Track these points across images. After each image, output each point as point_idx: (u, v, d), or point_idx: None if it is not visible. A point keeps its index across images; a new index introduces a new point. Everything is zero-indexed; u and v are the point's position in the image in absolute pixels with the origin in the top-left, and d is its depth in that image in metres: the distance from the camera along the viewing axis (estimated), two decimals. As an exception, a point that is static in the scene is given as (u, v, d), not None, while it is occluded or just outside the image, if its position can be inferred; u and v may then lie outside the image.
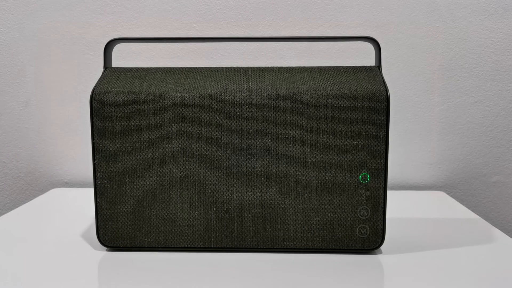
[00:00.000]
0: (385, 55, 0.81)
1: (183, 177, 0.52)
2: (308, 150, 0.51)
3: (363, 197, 0.51)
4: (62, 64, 0.84)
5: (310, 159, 0.51)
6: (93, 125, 0.52)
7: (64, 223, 0.64)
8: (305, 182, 0.52)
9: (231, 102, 0.51)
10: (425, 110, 0.83)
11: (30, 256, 0.52)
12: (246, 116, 0.51)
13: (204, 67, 0.55)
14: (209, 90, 0.51)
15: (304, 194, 0.52)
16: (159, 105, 0.51)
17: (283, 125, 0.51)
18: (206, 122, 0.51)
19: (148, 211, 0.53)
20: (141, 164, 0.52)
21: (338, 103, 0.50)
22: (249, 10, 0.82)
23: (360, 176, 0.51)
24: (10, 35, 0.83)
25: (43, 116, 0.85)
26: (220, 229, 0.53)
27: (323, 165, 0.51)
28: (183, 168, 0.52)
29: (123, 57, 0.81)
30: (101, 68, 0.81)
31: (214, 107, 0.51)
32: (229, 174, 0.52)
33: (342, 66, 0.54)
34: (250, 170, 0.52)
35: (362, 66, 0.54)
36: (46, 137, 0.86)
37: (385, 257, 0.52)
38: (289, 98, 0.51)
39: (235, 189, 0.52)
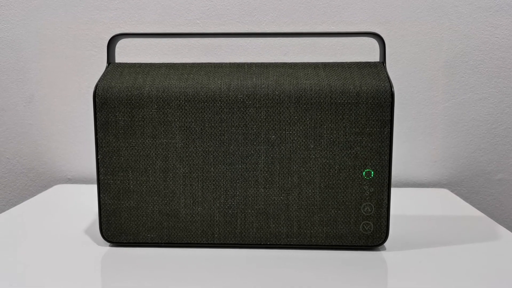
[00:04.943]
0: (389, 52, 0.81)
1: (186, 172, 0.52)
2: (312, 146, 0.51)
3: (367, 193, 0.51)
4: (65, 60, 0.84)
5: (313, 155, 0.51)
6: (97, 121, 0.51)
7: (67, 219, 0.64)
8: (308, 178, 0.51)
9: (234, 97, 0.51)
10: (429, 107, 0.83)
11: (33, 252, 0.52)
12: (250, 112, 0.51)
13: (207, 63, 0.55)
14: (213, 86, 0.51)
15: (308, 190, 0.52)
16: (162, 101, 0.51)
17: (287, 121, 0.51)
18: (210, 117, 0.51)
19: (151, 207, 0.52)
20: (144, 159, 0.52)
21: (342, 98, 0.50)
22: (253, 6, 0.82)
23: (364, 172, 0.51)
24: (14, 31, 0.83)
25: (47, 112, 0.85)
26: (223, 225, 0.53)
27: (327, 161, 0.51)
28: (186, 164, 0.52)
29: (126, 53, 0.81)
30: (104, 65, 0.81)
31: (218, 103, 0.51)
32: (233, 170, 0.52)
33: (346, 62, 0.54)
34: (253, 166, 0.51)
35: (366, 62, 0.54)
36: (49, 133, 0.86)
37: (389, 254, 0.52)
38: (293, 94, 0.50)
39: (238, 185, 0.52)
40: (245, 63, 0.55)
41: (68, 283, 0.45)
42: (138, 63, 0.55)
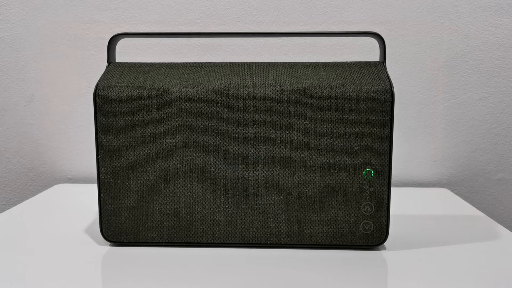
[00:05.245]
0: (389, 52, 0.81)
1: (187, 172, 0.52)
2: (312, 146, 0.51)
3: (367, 193, 0.51)
4: (66, 60, 0.84)
5: (314, 154, 0.51)
6: (97, 120, 0.52)
7: (67, 219, 0.64)
8: (308, 178, 0.51)
9: (234, 97, 0.51)
10: (429, 107, 0.83)
11: (33, 252, 0.52)
12: (250, 111, 0.51)
13: (208, 63, 0.55)
14: (213, 85, 0.51)
15: (308, 190, 0.52)
16: (162, 100, 0.51)
17: (287, 120, 0.51)
18: (210, 117, 0.51)
19: (151, 206, 0.53)
20: (144, 159, 0.52)
21: (342, 98, 0.50)
22: (253, 6, 0.82)
23: (364, 172, 0.51)
24: (14, 31, 0.83)
25: (47, 112, 0.85)
26: (223, 224, 0.53)
27: (327, 160, 0.51)
28: (187, 163, 0.52)
29: (126, 53, 0.81)
30: (105, 64, 0.81)
31: (218, 102, 0.51)
32: (233, 169, 0.52)
33: (346, 62, 0.54)
34: (253, 165, 0.51)
35: (367, 62, 0.54)
36: (49, 132, 0.86)
37: (389, 253, 0.52)
38: (293, 93, 0.50)
39: (238, 184, 0.52)
40: (245, 62, 0.55)
41: (68, 283, 0.45)
42: (138, 63, 0.55)
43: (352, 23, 0.81)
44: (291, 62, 0.54)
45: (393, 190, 0.56)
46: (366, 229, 0.52)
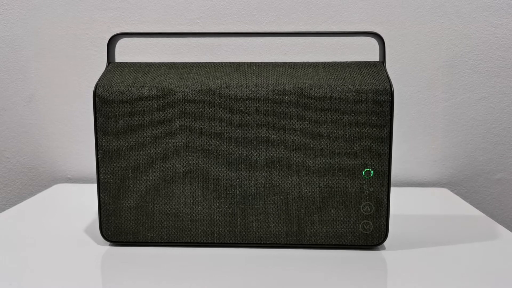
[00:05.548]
0: (389, 52, 0.81)
1: (186, 172, 0.52)
2: (312, 146, 0.51)
3: (366, 192, 0.51)
4: (65, 60, 0.84)
5: (313, 154, 0.51)
6: (96, 120, 0.52)
7: (67, 219, 0.64)
8: (308, 178, 0.51)
9: (234, 97, 0.51)
10: (429, 107, 0.83)
11: (33, 252, 0.52)
12: (250, 111, 0.51)
13: (207, 62, 0.55)
14: (213, 85, 0.51)
15: (308, 190, 0.52)
16: (162, 100, 0.51)
17: (287, 120, 0.51)
18: (210, 117, 0.51)
19: (151, 206, 0.53)
20: (144, 159, 0.52)
21: (342, 98, 0.50)
22: (253, 6, 0.82)
23: (363, 172, 0.51)
24: (14, 30, 0.83)
25: (47, 112, 0.85)
26: (223, 224, 0.53)
27: (327, 160, 0.51)
28: (186, 163, 0.52)
29: (126, 53, 0.81)
30: (104, 64, 0.81)
31: (218, 102, 0.51)
32: (232, 169, 0.52)
33: (346, 62, 0.54)
34: (253, 165, 0.51)
35: (366, 62, 0.54)
36: (49, 132, 0.86)
37: (388, 253, 0.52)
38: (292, 93, 0.50)
39: (238, 184, 0.52)
40: (245, 62, 0.55)
41: (68, 283, 0.45)
42: (138, 63, 0.55)
43: (352, 23, 0.81)
44: (291, 62, 0.54)
45: (393, 190, 0.56)
46: (365, 229, 0.52)
